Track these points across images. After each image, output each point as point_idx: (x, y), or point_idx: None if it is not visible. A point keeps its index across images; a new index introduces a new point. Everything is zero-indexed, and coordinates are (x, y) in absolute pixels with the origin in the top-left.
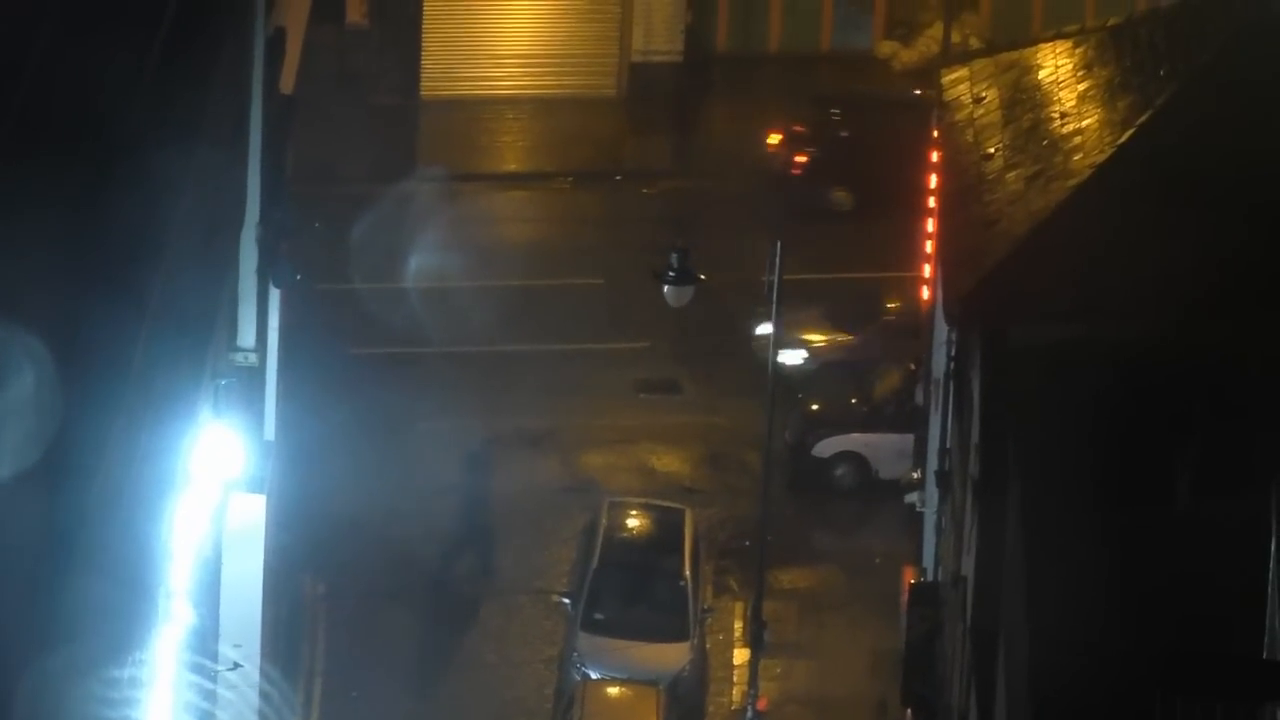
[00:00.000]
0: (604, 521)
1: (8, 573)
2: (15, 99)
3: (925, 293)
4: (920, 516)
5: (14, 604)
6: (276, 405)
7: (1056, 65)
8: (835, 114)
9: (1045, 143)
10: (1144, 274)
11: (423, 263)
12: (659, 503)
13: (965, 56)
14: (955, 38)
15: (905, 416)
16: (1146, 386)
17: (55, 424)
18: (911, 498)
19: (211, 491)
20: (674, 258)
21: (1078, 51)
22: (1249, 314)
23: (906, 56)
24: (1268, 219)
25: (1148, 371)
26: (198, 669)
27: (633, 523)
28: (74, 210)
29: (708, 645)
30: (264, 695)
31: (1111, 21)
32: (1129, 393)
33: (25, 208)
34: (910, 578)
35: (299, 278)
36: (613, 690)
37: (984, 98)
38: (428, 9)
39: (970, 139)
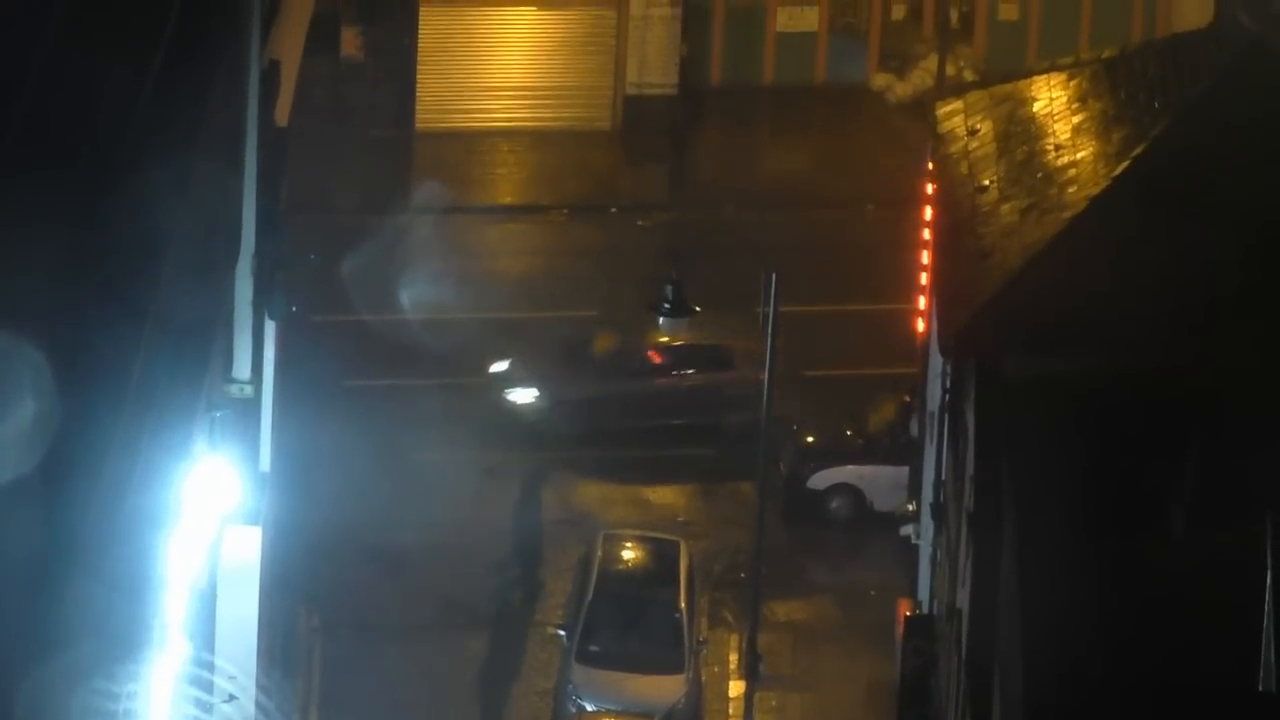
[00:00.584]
0: (599, 553)
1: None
2: (5, 135)
3: (920, 325)
4: (915, 549)
5: (5, 634)
6: (272, 437)
7: (1051, 98)
8: None
9: (1040, 175)
10: (1138, 305)
11: (418, 294)
12: (654, 534)
13: (960, 89)
14: (950, 70)
15: (900, 449)
16: (1140, 417)
17: (50, 455)
18: (907, 530)
19: (207, 523)
20: (669, 290)
21: (1072, 84)
22: (1243, 345)
23: (901, 89)
24: (1262, 250)
25: (1142, 402)
26: (193, 701)
27: (628, 555)
28: (67, 242)
29: (703, 677)
30: None
31: (1106, 54)
32: (1123, 423)
33: (17, 239)
34: (905, 610)
35: (294, 309)
36: None
37: (978, 130)
38: (423, 42)
39: (965, 171)
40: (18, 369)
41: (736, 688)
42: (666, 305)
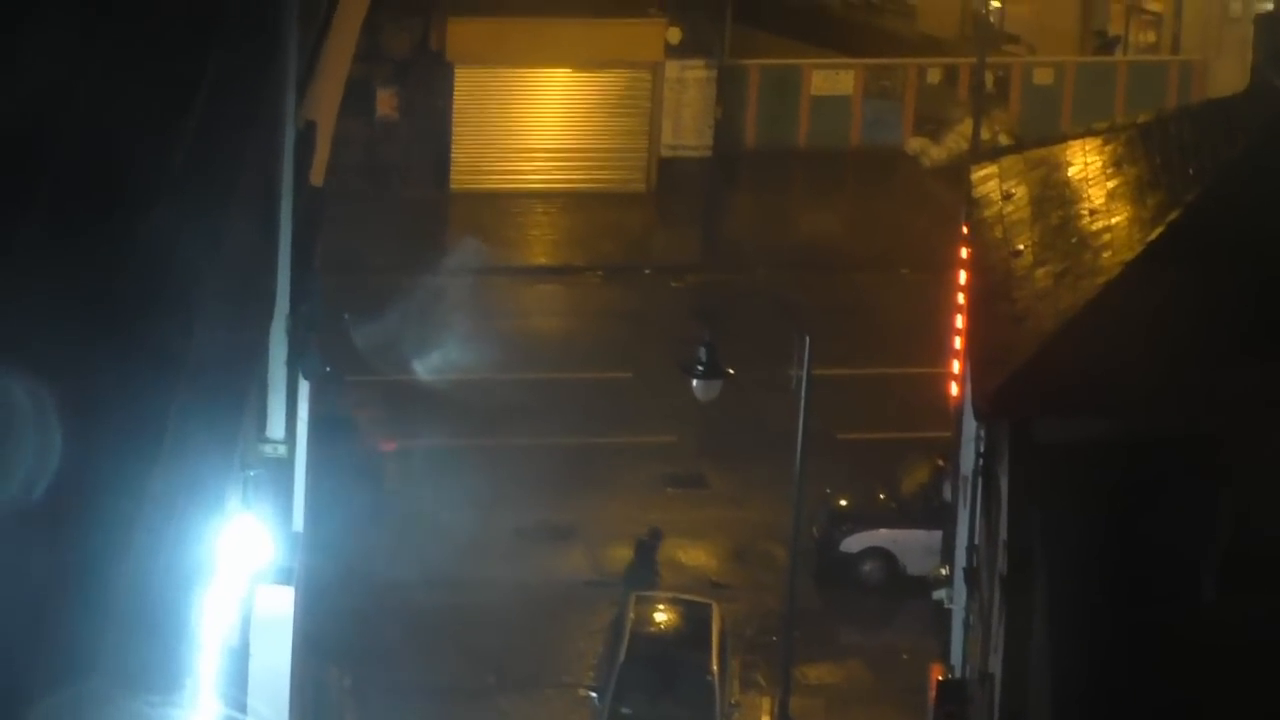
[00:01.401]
0: (631, 615)
1: (31, 663)
2: (38, 193)
3: (954, 388)
4: (948, 613)
5: (41, 694)
6: (305, 496)
7: (1086, 162)
8: None
9: (1074, 240)
10: (1172, 371)
11: (451, 355)
12: (686, 597)
13: (994, 153)
14: (984, 134)
15: (933, 512)
16: (1172, 483)
17: (82, 513)
18: (939, 594)
19: (239, 582)
20: (702, 352)
21: (1107, 148)
22: (1277, 412)
23: (936, 153)
24: None
25: (1174, 468)
26: None
27: (660, 617)
28: (100, 300)
29: None
30: None
31: (1141, 119)
32: (1155, 489)
33: (49, 297)
34: (938, 674)
35: (328, 369)
36: None
37: (1013, 194)
38: (457, 102)
39: (999, 235)
40: (50, 427)
41: None
42: (700, 367)
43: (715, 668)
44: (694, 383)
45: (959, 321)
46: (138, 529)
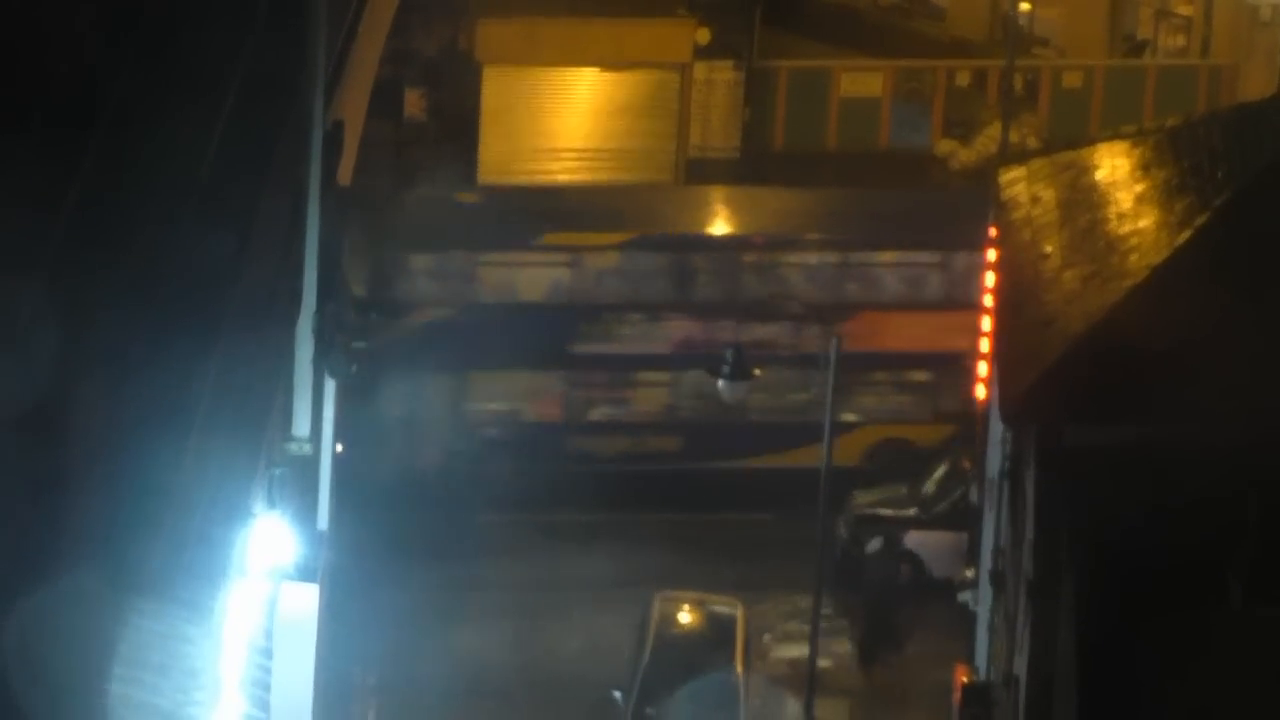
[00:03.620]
0: (655, 615)
1: (57, 661)
2: (68, 194)
3: (981, 391)
4: (973, 616)
5: (66, 687)
6: (330, 495)
7: (1114, 166)
8: None
9: (1102, 243)
10: (1200, 376)
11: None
12: (711, 597)
13: (1023, 156)
14: (1013, 137)
15: (959, 515)
16: (1199, 488)
17: (109, 511)
18: (964, 596)
19: (264, 580)
20: (729, 353)
21: (1135, 152)
22: None
23: (965, 156)
24: None
25: (1203, 473)
26: None
27: (684, 617)
28: (129, 300)
29: None
30: None
31: (1170, 123)
32: (1181, 494)
33: (80, 298)
34: (963, 677)
35: (354, 369)
36: None
37: (1041, 197)
38: (485, 103)
39: (1027, 238)
40: (79, 426)
41: None
42: (727, 368)
43: (740, 669)
44: (720, 383)
45: (986, 324)
46: (164, 527)
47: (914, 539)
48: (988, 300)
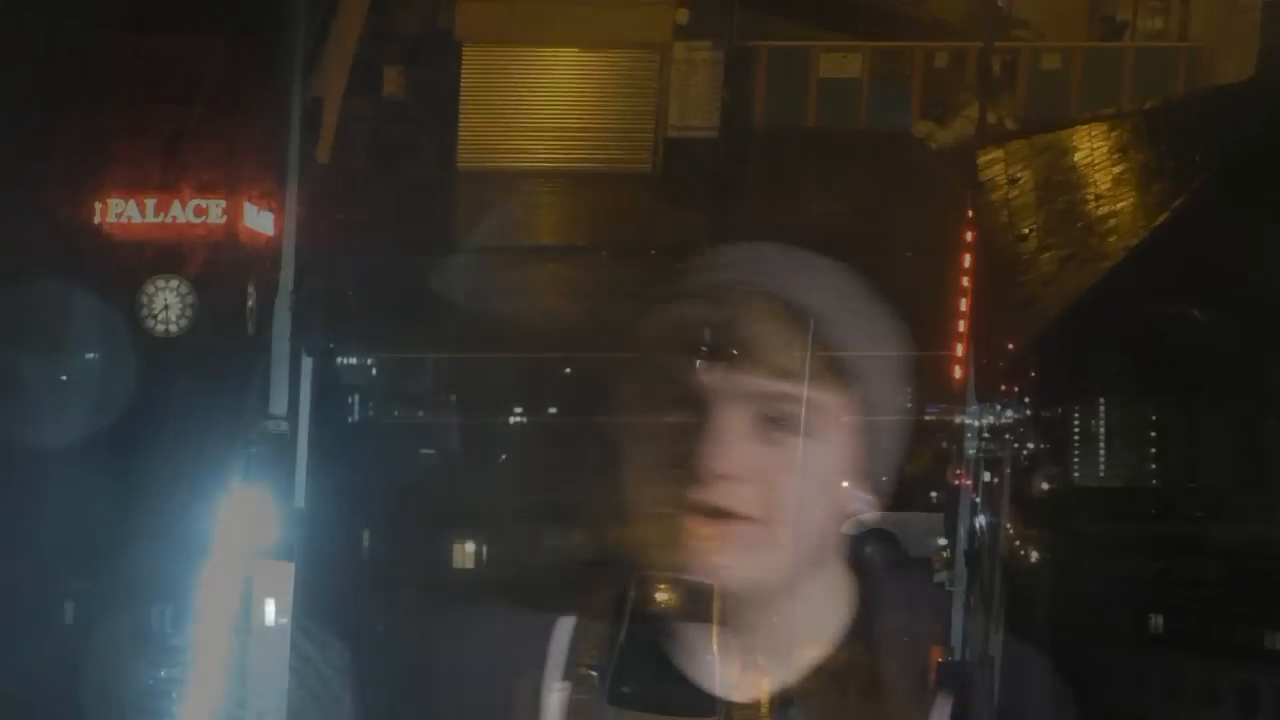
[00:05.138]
0: (631, 594)
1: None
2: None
3: (957, 371)
4: (949, 595)
5: (44, 669)
6: (307, 472)
7: (1092, 148)
8: None
9: (1080, 224)
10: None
11: (454, 334)
12: (687, 576)
13: (1001, 137)
14: (991, 118)
15: (937, 495)
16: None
17: (85, 488)
18: (940, 576)
19: (240, 557)
20: (707, 334)
21: (1113, 134)
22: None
23: (942, 136)
24: None
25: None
26: None
27: (661, 596)
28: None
29: None
30: None
31: (1148, 105)
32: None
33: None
34: (938, 656)
35: (331, 347)
36: None
37: (1019, 179)
38: (465, 81)
39: (1005, 219)
40: (53, 403)
41: None
42: (704, 348)
43: (715, 648)
44: (697, 364)
45: (963, 304)
46: (140, 504)
47: (891, 518)
48: (964, 281)
